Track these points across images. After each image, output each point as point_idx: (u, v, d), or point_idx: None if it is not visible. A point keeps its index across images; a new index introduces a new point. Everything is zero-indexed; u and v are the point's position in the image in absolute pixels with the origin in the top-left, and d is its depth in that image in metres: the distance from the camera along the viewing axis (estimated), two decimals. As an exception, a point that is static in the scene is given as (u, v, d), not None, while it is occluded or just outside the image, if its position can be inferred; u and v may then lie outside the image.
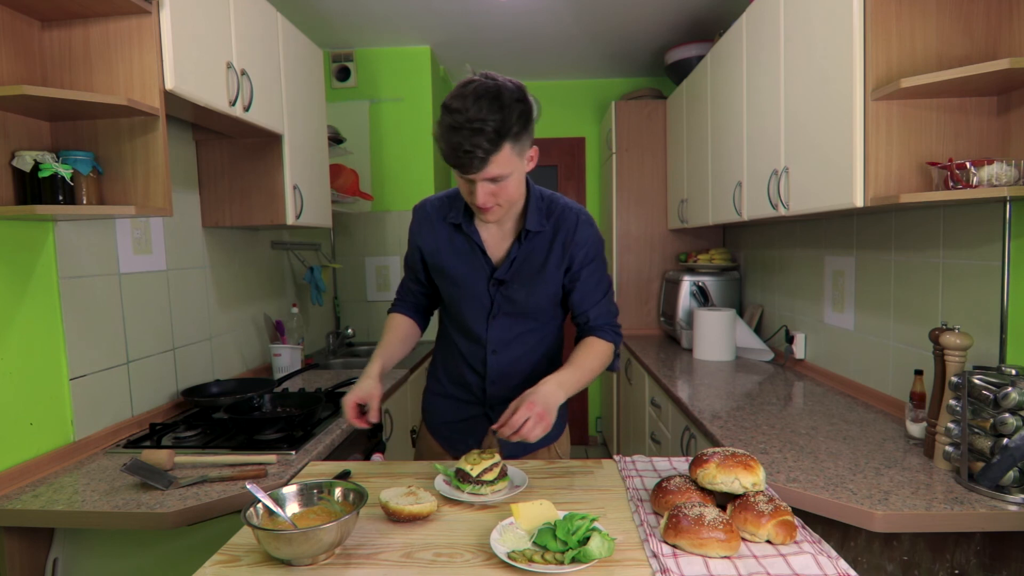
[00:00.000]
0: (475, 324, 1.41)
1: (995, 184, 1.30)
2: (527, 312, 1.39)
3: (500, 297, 1.38)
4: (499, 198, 1.22)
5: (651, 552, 0.93)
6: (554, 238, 1.36)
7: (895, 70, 1.48)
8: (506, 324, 1.40)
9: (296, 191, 2.31)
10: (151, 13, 1.51)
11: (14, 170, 1.44)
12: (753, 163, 2.23)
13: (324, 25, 3.12)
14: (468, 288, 1.39)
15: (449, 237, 1.39)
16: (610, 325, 1.41)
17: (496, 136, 1.11)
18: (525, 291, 1.37)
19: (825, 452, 1.53)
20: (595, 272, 1.39)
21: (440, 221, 1.39)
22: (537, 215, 1.35)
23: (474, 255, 1.37)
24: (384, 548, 0.97)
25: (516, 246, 1.35)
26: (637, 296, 3.62)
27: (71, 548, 1.44)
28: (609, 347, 1.39)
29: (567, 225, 1.36)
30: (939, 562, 1.28)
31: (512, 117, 1.13)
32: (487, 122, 1.10)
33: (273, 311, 2.78)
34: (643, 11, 3.01)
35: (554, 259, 1.36)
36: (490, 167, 1.15)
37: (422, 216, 1.43)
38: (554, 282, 1.37)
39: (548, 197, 1.39)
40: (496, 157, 1.14)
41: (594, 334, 1.39)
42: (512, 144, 1.15)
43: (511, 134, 1.14)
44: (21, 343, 1.49)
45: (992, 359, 1.49)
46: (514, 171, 1.20)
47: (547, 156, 4.23)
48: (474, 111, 1.10)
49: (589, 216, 1.40)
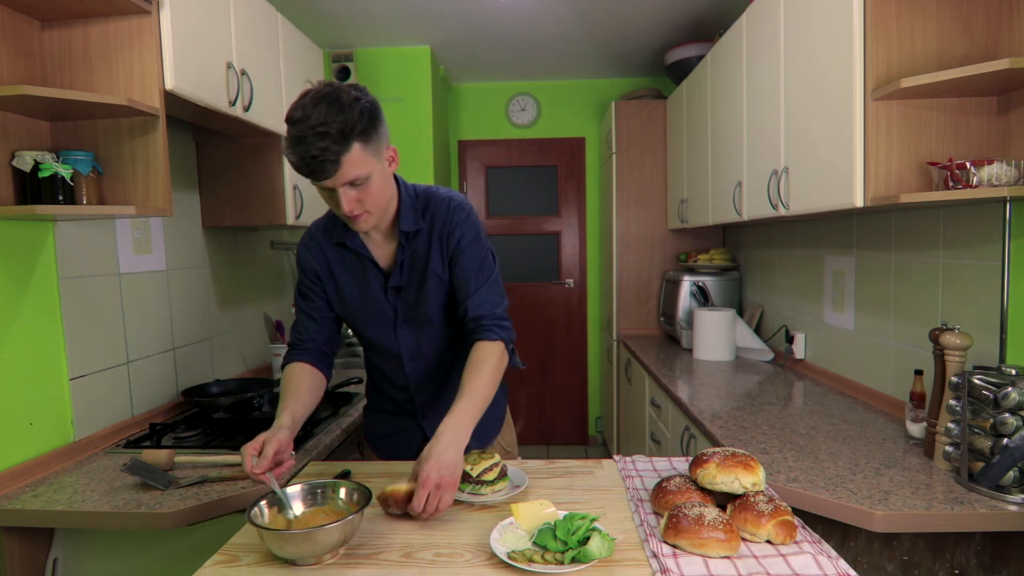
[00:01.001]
0: (385, 338, 1.38)
1: (995, 184, 1.30)
2: (429, 316, 1.36)
3: (401, 304, 1.35)
4: (366, 203, 1.18)
5: (651, 552, 0.93)
6: (432, 232, 1.32)
7: (895, 70, 1.48)
8: (413, 332, 1.38)
9: (296, 191, 2.31)
10: (151, 13, 1.51)
11: (14, 170, 1.44)
12: (753, 163, 2.23)
13: (324, 25, 3.12)
14: (368, 302, 1.36)
15: (339, 257, 1.36)
16: (492, 318, 1.30)
17: (341, 136, 1.09)
18: (419, 293, 1.34)
19: (825, 452, 1.53)
20: (471, 256, 1.32)
21: (327, 242, 1.36)
22: (411, 214, 1.31)
23: (366, 268, 1.34)
24: (384, 548, 0.97)
25: (400, 249, 1.32)
26: (637, 296, 3.62)
27: (71, 548, 1.44)
28: (498, 347, 1.28)
29: (440, 215, 1.32)
30: (939, 562, 1.28)
31: (354, 115, 1.10)
32: (330, 124, 1.07)
33: (273, 311, 2.78)
34: (643, 11, 3.01)
35: (435, 253, 1.32)
36: (344, 169, 1.11)
37: (309, 241, 1.38)
38: (443, 278, 1.33)
39: (423, 193, 1.35)
40: (347, 157, 1.10)
41: (478, 337, 1.29)
42: (362, 143, 1.12)
43: (356, 132, 1.10)
44: (21, 343, 1.49)
45: (992, 359, 1.49)
46: (373, 172, 1.16)
47: (547, 156, 4.24)
48: (315, 117, 1.07)
49: (462, 200, 1.35)
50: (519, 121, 4.20)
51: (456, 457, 1.08)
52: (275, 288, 2.82)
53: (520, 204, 4.30)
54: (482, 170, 4.26)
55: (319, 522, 0.97)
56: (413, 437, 1.46)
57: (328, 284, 1.38)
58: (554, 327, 4.34)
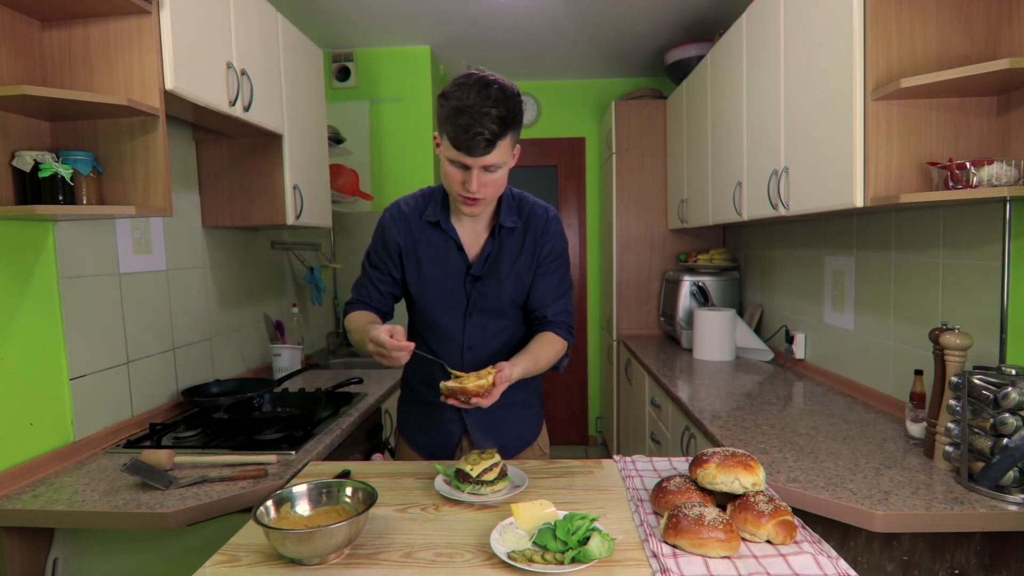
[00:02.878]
0: (451, 322, 1.42)
1: (995, 184, 1.30)
2: (501, 309, 1.41)
3: (476, 293, 1.39)
4: (488, 188, 1.24)
5: (651, 552, 0.93)
6: (525, 234, 1.39)
7: (895, 70, 1.48)
8: (481, 321, 1.41)
9: (296, 191, 2.31)
10: (151, 13, 1.51)
11: (14, 170, 1.44)
12: (753, 163, 2.23)
13: (324, 25, 3.12)
14: (445, 285, 1.39)
15: (425, 234, 1.39)
16: (566, 323, 1.43)
17: (502, 122, 1.16)
18: (499, 287, 1.38)
19: (825, 452, 1.53)
20: (558, 270, 1.42)
21: (416, 219, 1.40)
22: (509, 212, 1.38)
23: (451, 252, 1.38)
24: (384, 548, 0.97)
25: (491, 241, 1.37)
26: (637, 296, 3.62)
27: (71, 548, 1.44)
28: (563, 345, 1.42)
29: (538, 222, 1.40)
30: (939, 562, 1.28)
31: (517, 107, 1.19)
32: (495, 108, 1.14)
33: (273, 311, 2.78)
34: (643, 11, 3.01)
35: (526, 255, 1.39)
36: (493, 153, 1.18)
37: (397, 214, 1.42)
38: (525, 278, 1.40)
39: (517, 195, 1.43)
40: (501, 143, 1.18)
41: (551, 329, 1.41)
42: (512, 134, 1.20)
43: (513, 123, 1.18)
44: (21, 343, 1.49)
45: (992, 359, 1.49)
46: (506, 163, 1.24)
47: (547, 156, 4.23)
48: (481, 98, 1.14)
49: (557, 214, 1.45)
50: (519, 121, 4.19)
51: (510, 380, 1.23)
52: (275, 288, 2.83)
53: (520, 204, 4.29)
54: (482, 170, 4.25)
55: (326, 521, 0.97)
56: (453, 431, 1.47)
57: (409, 260, 1.42)
58: (554, 327, 4.34)
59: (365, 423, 2.13)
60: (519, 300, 1.42)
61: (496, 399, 1.19)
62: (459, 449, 1.48)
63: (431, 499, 1.16)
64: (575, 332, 1.47)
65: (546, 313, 1.41)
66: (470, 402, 1.18)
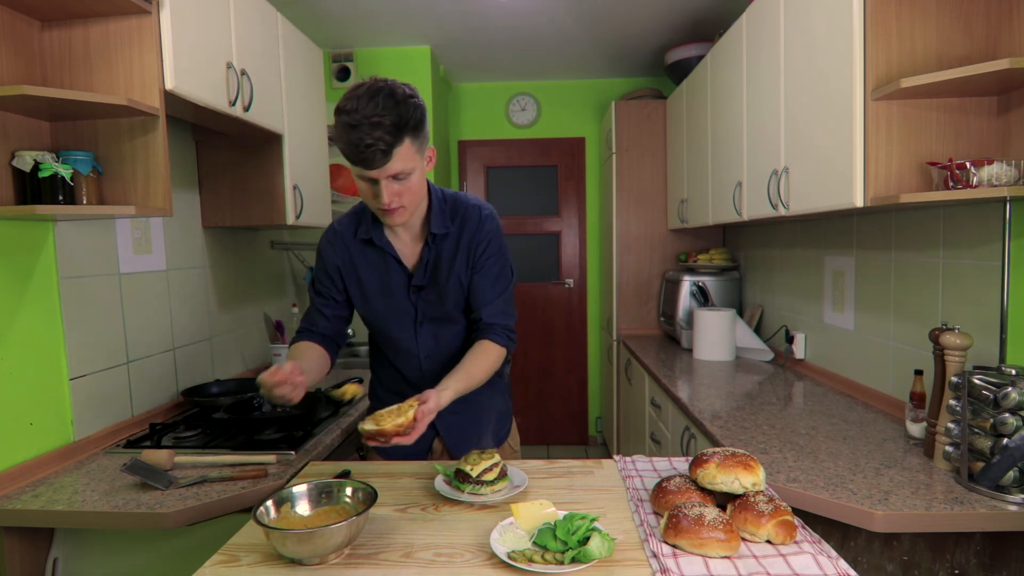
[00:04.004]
0: (403, 335, 1.41)
1: (995, 184, 1.30)
2: (448, 315, 1.40)
3: (421, 303, 1.38)
4: (403, 198, 1.22)
5: (651, 552, 0.93)
6: (460, 237, 1.36)
7: (895, 70, 1.48)
8: (433, 330, 1.41)
9: (296, 191, 2.31)
10: (151, 13, 1.51)
11: (14, 170, 1.44)
12: (753, 163, 2.23)
13: (324, 25, 3.12)
14: (390, 299, 1.39)
15: (362, 252, 1.38)
16: (504, 327, 1.39)
17: (395, 129, 1.13)
18: (442, 293, 1.37)
19: (825, 452, 1.53)
20: (493, 267, 1.38)
21: (351, 238, 1.39)
22: (441, 216, 1.35)
23: (390, 266, 1.37)
24: (384, 548, 0.97)
25: (427, 250, 1.35)
26: (637, 296, 3.62)
27: (71, 548, 1.44)
28: (500, 352, 1.37)
29: (471, 223, 1.37)
30: (939, 562, 1.28)
31: (409, 111, 1.14)
32: (385, 116, 1.12)
33: (273, 311, 2.78)
34: (643, 11, 3.01)
35: (461, 258, 1.37)
36: (393, 161, 1.15)
37: (332, 237, 1.41)
38: (464, 281, 1.38)
39: (451, 197, 1.40)
40: (398, 150, 1.15)
41: (487, 336, 1.37)
42: (411, 139, 1.16)
43: (409, 128, 1.15)
44: (21, 343, 1.49)
45: (992, 359, 1.49)
46: (416, 168, 1.21)
47: (547, 156, 4.23)
48: (371, 108, 1.12)
49: (492, 211, 1.41)
50: (519, 121, 4.20)
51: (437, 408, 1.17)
52: (275, 288, 2.82)
53: (520, 204, 4.29)
54: (482, 170, 4.26)
55: (326, 522, 0.97)
56: (425, 436, 1.46)
57: (350, 280, 1.41)
58: (554, 327, 4.34)
59: (365, 423, 2.13)
60: (463, 304, 1.40)
61: (421, 432, 1.13)
62: (430, 454, 1.49)
63: (431, 499, 1.16)
64: (515, 335, 1.41)
65: (481, 315, 1.37)
66: (390, 442, 1.11)
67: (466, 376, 1.28)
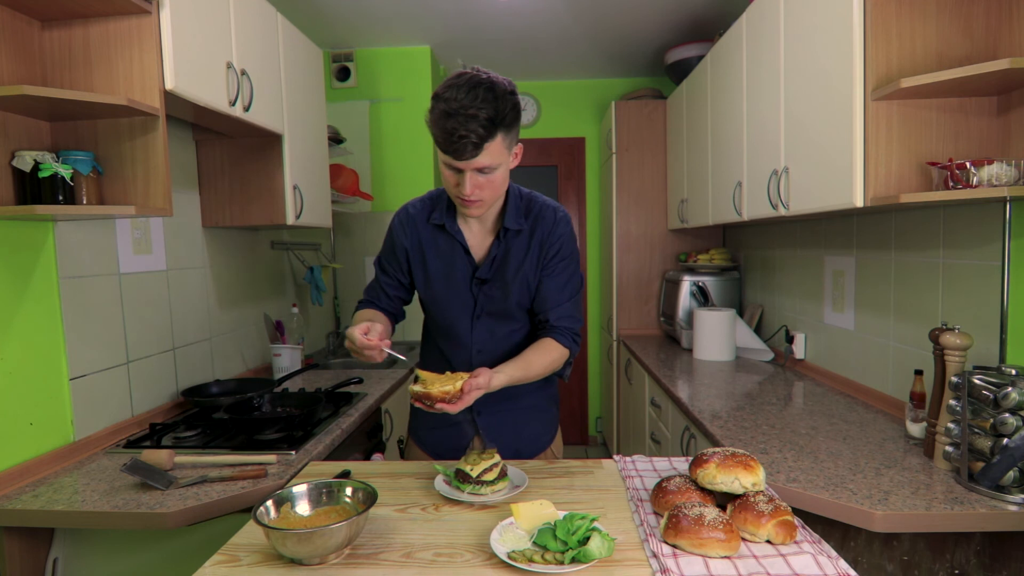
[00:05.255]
0: (459, 325, 1.41)
1: (995, 184, 1.30)
2: (509, 311, 1.39)
3: (483, 296, 1.38)
4: (484, 191, 1.22)
5: (651, 552, 0.93)
6: (532, 236, 1.36)
7: (895, 70, 1.48)
8: (489, 324, 1.40)
9: (296, 191, 2.31)
10: (151, 13, 1.51)
11: (14, 170, 1.44)
12: (753, 163, 2.23)
13: (324, 25, 3.12)
14: (452, 288, 1.39)
15: (432, 238, 1.39)
16: (570, 330, 1.38)
17: (490, 124, 1.13)
18: (506, 290, 1.37)
19: (825, 452, 1.53)
20: (564, 271, 1.38)
21: (423, 223, 1.40)
22: (516, 213, 1.35)
23: (457, 254, 1.37)
24: (384, 548, 0.97)
25: (496, 244, 1.36)
26: (637, 296, 3.62)
27: (71, 548, 1.44)
28: (562, 352, 1.37)
29: (545, 223, 1.37)
30: (939, 562, 1.28)
31: (506, 107, 1.15)
32: (482, 109, 1.12)
33: (273, 311, 2.78)
34: (643, 11, 3.01)
35: (532, 257, 1.36)
36: (482, 155, 1.16)
37: (405, 218, 1.42)
38: (531, 281, 1.38)
39: (527, 196, 1.40)
40: (489, 145, 1.15)
41: (552, 336, 1.36)
42: (504, 135, 1.17)
43: (504, 123, 1.15)
44: (21, 343, 1.49)
45: (992, 359, 1.49)
46: (502, 163, 1.21)
47: (547, 156, 4.23)
48: (469, 99, 1.12)
49: (567, 214, 1.41)
50: (519, 121, 4.19)
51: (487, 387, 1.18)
52: (275, 288, 2.82)
53: (520, 204, 4.29)
54: (482, 170, 4.25)
55: (326, 522, 0.97)
56: (465, 432, 1.47)
57: (416, 263, 1.41)
58: (554, 327, 4.33)
59: (365, 423, 2.13)
60: (525, 303, 1.40)
61: (467, 404, 1.14)
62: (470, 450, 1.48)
63: (431, 499, 1.16)
64: (580, 339, 1.41)
65: (548, 317, 1.37)
66: (434, 407, 1.13)
67: (525, 365, 1.28)
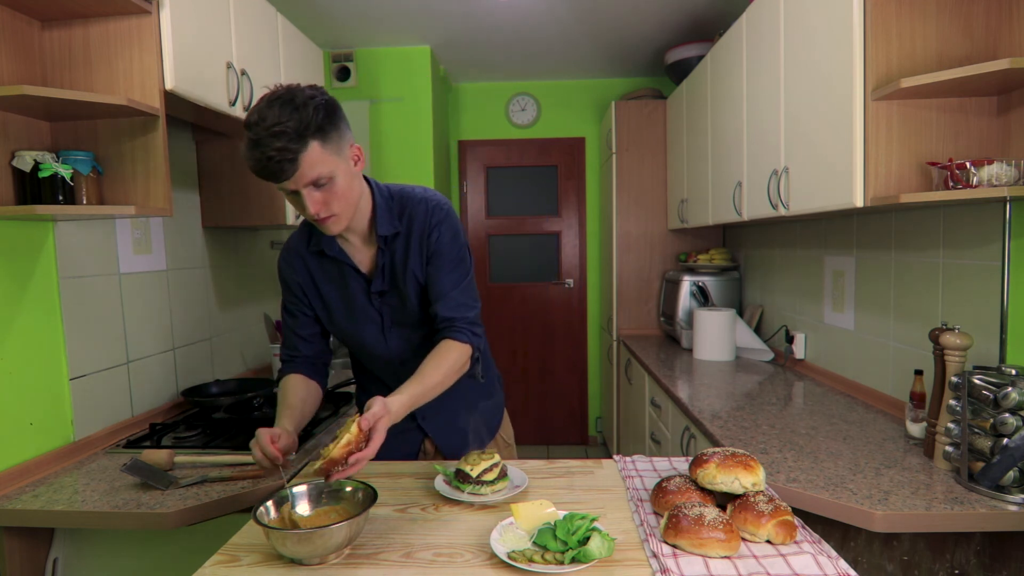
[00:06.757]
0: (375, 342, 1.36)
1: (995, 184, 1.30)
2: (415, 317, 1.34)
3: (386, 308, 1.34)
4: (332, 205, 1.15)
5: (651, 552, 0.93)
6: (411, 235, 1.29)
7: (895, 70, 1.48)
8: (403, 334, 1.36)
9: (296, 191, 2.31)
10: (151, 13, 1.51)
11: (14, 170, 1.44)
12: (753, 163, 2.23)
13: (324, 25, 3.12)
14: (354, 309, 1.34)
15: (320, 265, 1.34)
16: (464, 320, 1.29)
17: (297, 135, 1.06)
18: (403, 296, 1.32)
19: (825, 452, 1.53)
20: (448, 258, 1.30)
21: (306, 252, 1.34)
22: (388, 216, 1.28)
23: (347, 275, 1.32)
24: (384, 548, 0.97)
25: (381, 253, 1.29)
26: (637, 296, 3.62)
27: (71, 548, 1.44)
28: (464, 350, 1.27)
29: (419, 217, 1.29)
30: (939, 562, 1.28)
31: (308, 113, 1.07)
32: (285, 123, 1.05)
33: (273, 311, 2.78)
34: (643, 11, 3.01)
35: (415, 256, 1.30)
36: (303, 169, 1.08)
37: (287, 254, 1.36)
38: (422, 279, 1.32)
39: (397, 194, 1.32)
40: (305, 156, 1.07)
41: (448, 335, 1.28)
42: (320, 141, 1.09)
43: (313, 130, 1.07)
44: (21, 343, 1.49)
45: (992, 359, 1.49)
46: (336, 171, 1.13)
47: (547, 156, 4.23)
48: (270, 119, 1.05)
49: (440, 200, 1.33)
50: (519, 121, 4.20)
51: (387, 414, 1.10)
52: (275, 288, 2.82)
53: (520, 204, 4.29)
54: (482, 170, 4.26)
55: (325, 522, 0.97)
56: (413, 439, 1.45)
57: (313, 296, 1.36)
58: (554, 327, 4.34)
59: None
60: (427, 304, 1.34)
61: (380, 443, 1.06)
62: (422, 454, 1.47)
63: (431, 499, 1.16)
64: (480, 329, 1.32)
65: (438, 309, 1.29)
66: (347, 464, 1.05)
67: (421, 379, 1.20)
